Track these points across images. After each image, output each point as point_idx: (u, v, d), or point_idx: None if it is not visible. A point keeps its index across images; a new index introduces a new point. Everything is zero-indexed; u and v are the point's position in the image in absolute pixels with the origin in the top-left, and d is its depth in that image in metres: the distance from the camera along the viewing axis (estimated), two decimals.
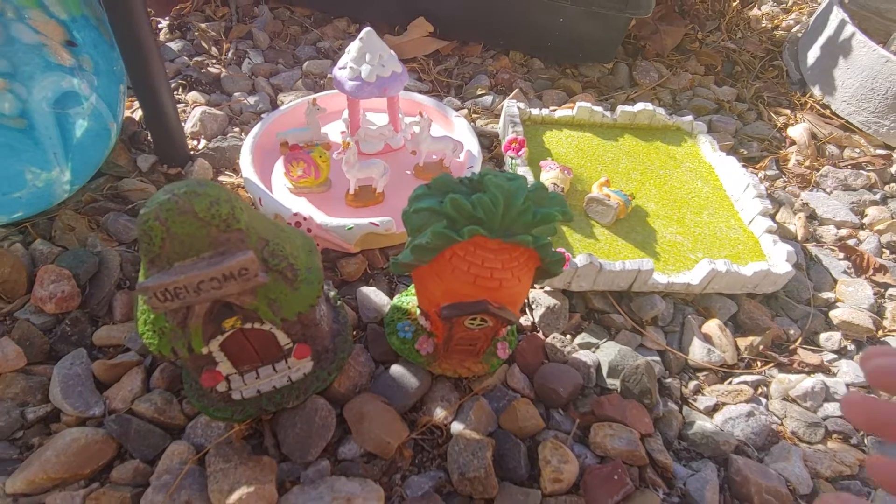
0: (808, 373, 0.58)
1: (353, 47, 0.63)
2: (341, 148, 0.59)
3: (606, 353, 0.56)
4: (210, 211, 0.34)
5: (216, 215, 0.35)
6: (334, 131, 0.74)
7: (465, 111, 0.85)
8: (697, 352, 0.57)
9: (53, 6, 0.51)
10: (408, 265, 0.44)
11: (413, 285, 0.54)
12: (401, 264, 0.44)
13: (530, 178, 0.65)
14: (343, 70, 0.63)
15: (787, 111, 0.92)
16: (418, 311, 0.52)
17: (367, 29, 0.62)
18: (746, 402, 0.54)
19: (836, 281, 0.68)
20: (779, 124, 0.90)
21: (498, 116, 0.84)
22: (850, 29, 0.88)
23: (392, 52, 0.64)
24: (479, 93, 0.88)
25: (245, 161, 0.65)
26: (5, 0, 0.48)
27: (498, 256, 0.41)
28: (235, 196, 0.36)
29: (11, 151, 0.49)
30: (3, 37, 0.47)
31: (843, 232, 0.74)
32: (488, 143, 0.79)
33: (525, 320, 0.58)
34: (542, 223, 0.40)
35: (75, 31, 0.53)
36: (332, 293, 0.53)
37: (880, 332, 0.62)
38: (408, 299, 0.56)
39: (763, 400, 0.56)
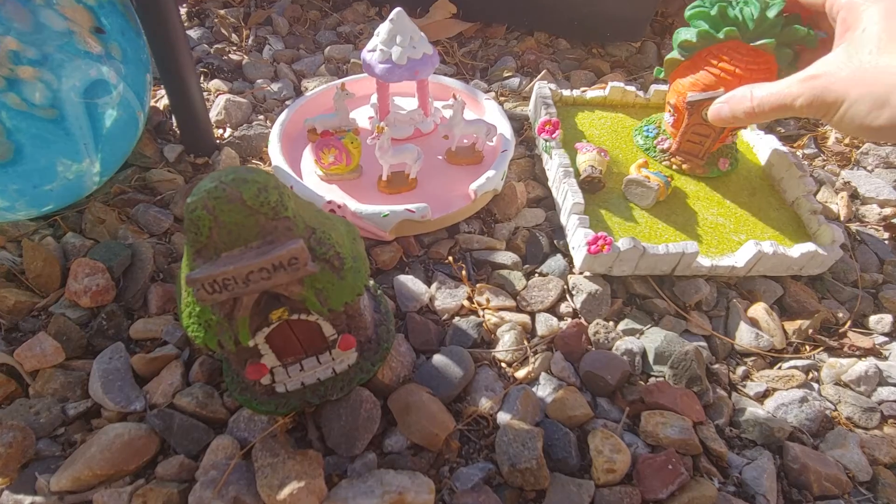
0: (860, 356, 0.56)
1: (382, 29, 0.61)
2: (374, 133, 0.57)
3: (652, 339, 0.54)
4: (258, 198, 0.33)
5: (265, 203, 0.33)
6: (362, 116, 0.72)
7: (493, 94, 0.83)
8: (744, 336, 0.56)
9: None
10: (672, 61, 0.62)
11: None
12: (668, 61, 0.62)
13: (566, 161, 0.63)
14: (372, 53, 0.62)
15: None
16: (665, 117, 0.68)
17: (397, 10, 0.60)
18: (798, 387, 0.53)
19: (882, 261, 0.66)
20: None
21: (525, 99, 0.82)
22: None
23: (422, 33, 0.62)
24: (505, 75, 0.86)
25: (274, 149, 0.63)
26: None
27: (744, 58, 0.56)
28: (282, 183, 0.35)
29: (43, 143, 0.48)
30: (31, 23, 0.46)
31: (888, 211, 0.72)
32: (518, 126, 0.77)
33: (566, 307, 0.57)
34: (788, 36, 0.53)
35: (103, 18, 0.51)
36: (371, 282, 0.52)
37: None
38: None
39: (815, 385, 0.54)
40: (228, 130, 0.73)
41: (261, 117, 0.77)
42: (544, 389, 0.50)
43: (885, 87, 0.36)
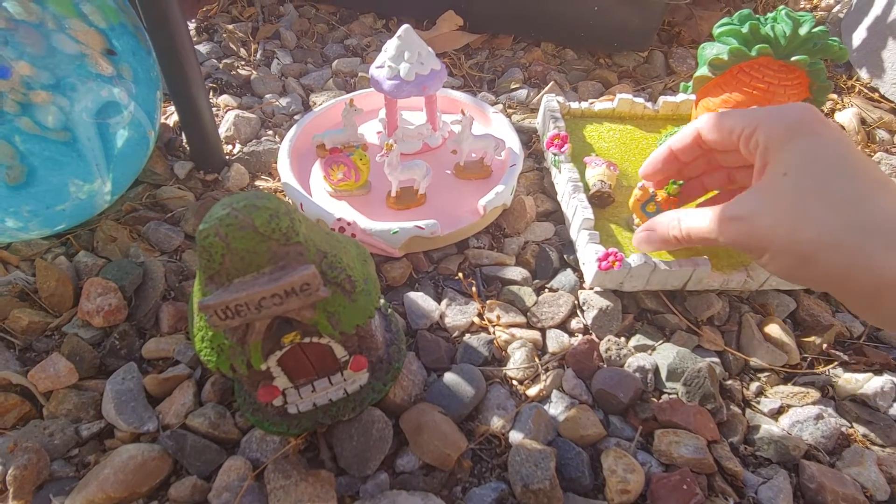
0: (876, 371, 0.56)
1: (390, 45, 0.61)
2: (384, 151, 0.57)
3: (664, 355, 0.54)
4: (270, 225, 0.33)
5: (276, 229, 0.33)
6: (370, 131, 0.73)
7: (500, 106, 0.83)
8: (758, 352, 0.55)
9: (92, 14, 0.50)
10: (702, 78, 0.60)
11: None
12: (697, 78, 0.61)
13: (575, 175, 0.63)
14: (381, 69, 0.62)
15: (834, 95, 0.89)
16: None
17: (404, 26, 0.60)
18: (813, 403, 0.52)
19: None
20: (825, 109, 0.86)
21: (534, 111, 0.82)
22: None
23: (430, 49, 0.62)
24: (512, 87, 0.86)
25: (283, 165, 0.64)
26: (45, 10, 0.47)
27: (776, 74, 0.56)
28: (293, 208, 0.35)
29: (56, 165, 0.49)
30: (44, 48, 0.46)
31: None
32: (526, 139, 0.77)
33: (577, 323, 0.57)
34: (821, 52, 0.54)
35: (114, 40, 0.52)
36: (381, 301, 0.52)
37: None
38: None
39: (830, 401, 0.53)
40: (238, 146, 0.74)
41: (269, 132, 0.77)
42: (556, 407, 0.50)
43: (806, 248, 0.36)
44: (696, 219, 0.44)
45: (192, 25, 0.95)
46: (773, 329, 0.56)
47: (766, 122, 0.40)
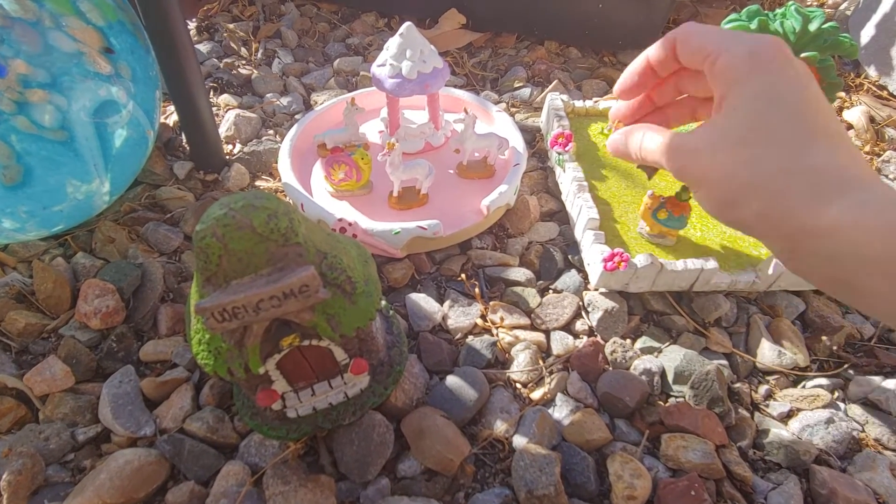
0: (887, 374, 0.55)
1: (392, 43, 0.60)
2: (386, 149, 0.57)
3: (671, 357, 0.53)
4: (268, 225, 0.32)
5: (275, 229, 0.32)
6: (372, 130, 0.72)
7: (504, 105, 0.82)
8: (766, 354, 0.54)
9: (90, 12, 0.49)
10: None
11: None
12: None
13: (580, 175, 0.62)
14: (382, 67, 0.61)
15: (842, 93, 0.87)
16: None
17: (406, 24, 0.59)
18: (824, 407, 0.51)
19: None
20: (833, 107, 0.85)
21: (537, 109, 0.81)
22: None
23: (432, 47, 0.61)
24: (516, 85, 0.85)
25: (284, 165, 0.63)
26: (42, 7, 0.46)
27: None
28: (293, 208, 0.34)
29: (53, 164, 0.48)
30: (41, 46, 0.45)
31: None
32: (530, 137, 0.76)
33: (581, 324, 0.56)
34: (831, 49, 0.52)
35: (112, 38, 0.51)
36: (383, 303, 0.51)
37: None
38: None
39: (841, 404, 0.52)
40: (238, 146, 0.73)
41: (270, 132, 0.76)
42: (561, 411, 0.49)
43: (736, 189, 0.35)
44: (654, 141, 0.42)
45: (192, 25, 0.94)
46: (782, 331, 0.55)
47: (732, 50, 0.38)
